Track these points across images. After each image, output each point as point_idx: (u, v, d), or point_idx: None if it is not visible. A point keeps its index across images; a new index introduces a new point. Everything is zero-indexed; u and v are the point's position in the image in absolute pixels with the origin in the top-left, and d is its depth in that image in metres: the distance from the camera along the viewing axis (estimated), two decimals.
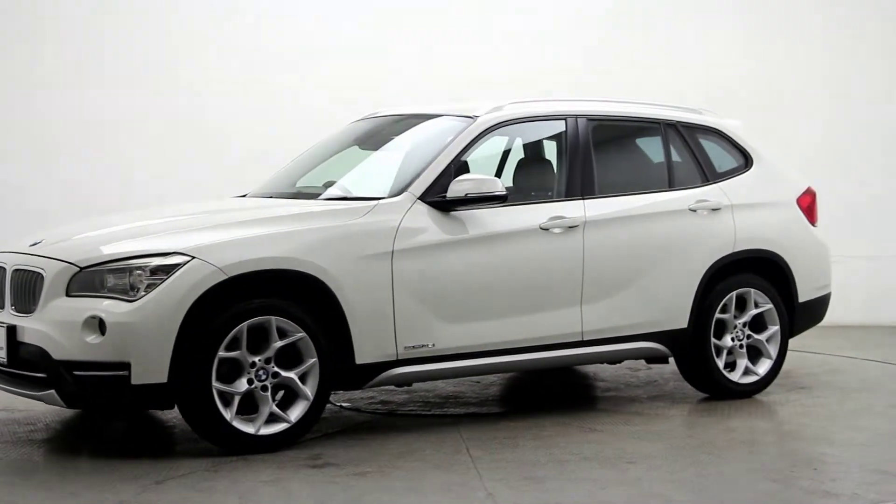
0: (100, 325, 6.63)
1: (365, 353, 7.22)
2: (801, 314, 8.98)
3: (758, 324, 8.74)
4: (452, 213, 7.57)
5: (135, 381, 6.64)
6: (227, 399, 6.87)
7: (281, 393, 7.10)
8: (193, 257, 6.76)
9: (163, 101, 12.09)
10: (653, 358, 8.54)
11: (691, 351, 8.48)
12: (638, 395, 8.84)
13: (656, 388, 9.02)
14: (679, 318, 8.33)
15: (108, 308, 6.66)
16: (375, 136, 8.58)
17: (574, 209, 7.96)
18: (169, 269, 6.72)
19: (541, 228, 7.81)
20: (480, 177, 7.56)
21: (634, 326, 8.18)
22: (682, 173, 8.64)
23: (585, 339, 7.99)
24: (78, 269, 6.79)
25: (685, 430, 7.60)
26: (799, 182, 9.14)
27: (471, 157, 8.13)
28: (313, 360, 7.06)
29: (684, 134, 8.67)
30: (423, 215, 7.47)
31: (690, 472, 6.55)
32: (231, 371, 6.90)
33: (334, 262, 7.12)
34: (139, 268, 6.74)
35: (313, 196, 7.88)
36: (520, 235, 7.75)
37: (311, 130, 9.59)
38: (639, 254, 8.17)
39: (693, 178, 8.62)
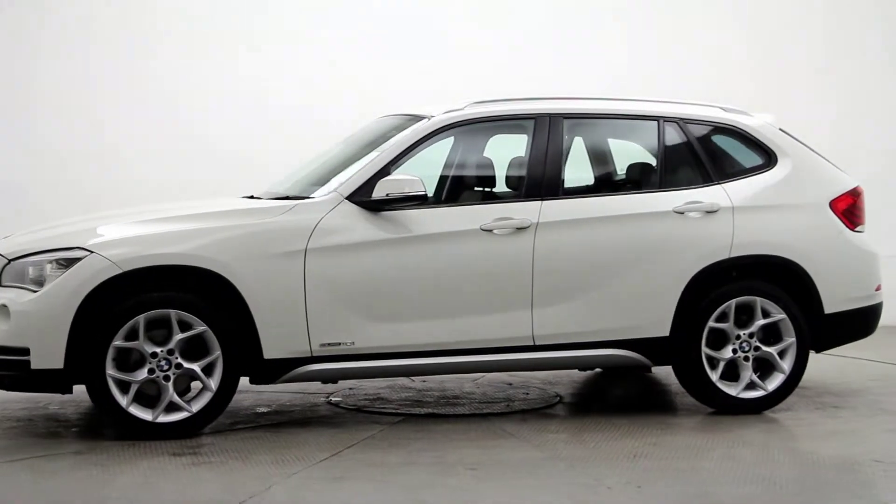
0: (9, 313, 7.21)
1: (273, 348, 7.42)
2: (830, 327, 8.26)
3: (773, 335, 8.13)
4: (384, 213, 7.60)
5: (34, 365, 7.17)
6: (128, 386, 7.25)
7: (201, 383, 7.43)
8: (92, 252, 7.21)
9: (164, 102, 12.47)
10: (638, 367, 8.16)
11: (677, 362, 8.04)
12: (645, 405, 8.59)
13: (677, 400, 8.57)
14: (658, 327, 7.93)
15: (14, 297, 7.24)
16: (378, 137, 8.61)
17: (527, 211, 7.77)
18: (70, 263, 7.21)
19: (482, 230, 7.68)
20: (402, 177, 7.57)
21: (602, 333, 7.87)
22: (677, 173, 8.21)
23: (538, 343, 7.77)
24: (7, 260, 7.41)
25: (591, 443, 7.27)
26: (839, 183, 8.40)
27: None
28: (217, 353, 7.33)
29: (687, 131, 8.21)
30: (349, 215, 7.56)
31: (500, 483, 6.35)
32: (139, 360, 7.29)
33: (240, 259, 7.36)
34: (49, 261, 7.27)
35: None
36: (457, 236, 7.66)
37: (314, 131, 9.78)
38: (605, 257, 7.84)
39: (692, 178, 8.16)
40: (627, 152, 8.45)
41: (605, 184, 8.30)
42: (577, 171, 8.31)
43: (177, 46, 12.51)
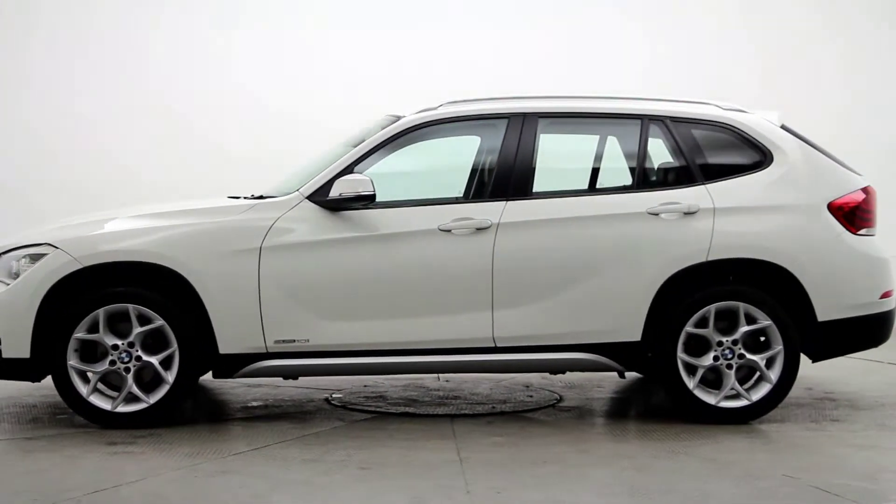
0: None
1: (229, 343, 7.62)
2: (826, 335, 7.83)
3: (762, 342, 7.79)
4: (344, 213, 7.69)
5: (5, 354, 7.61)
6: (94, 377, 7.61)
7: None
8: (57, 248, 7.60)
9: (163, 102, 12.71)
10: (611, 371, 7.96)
11: (651, 367, 7.82)
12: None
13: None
14: (629, 331, 7.71)
15: None
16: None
17: (488, 211, 7.70)
18: (38, 258, 7.62)
19: (440, 230, 7.66)
20: (355, 177, 7.64)
21: (567, 336, 7.71)
22: (658, 173, 7.98)
23: (499, 345, 7.69)
24: None
25: (519, 446, 7.17)
26: (842, 184, 7.93)
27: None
28: (174, 347, 7.60)
29: (674, 130, 7.92)
30: (308, 214, 7.69)
31: (367, 483, 6.37)
32: (104, 352, 7.63)
33: (196, 256, 7.59)
34: (23, 256, 7.71)
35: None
36: (414, 236, 7.67)
37: (326, 131, 9.86)
38: (570, 259, 7.67)
39: (675, 178, 7.91)
40: (606, 152, 8.23)
41: (579, 185, 8.09)
42: (551, 171, 8.14)
43: (178, 46, 12.90)
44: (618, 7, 12.92)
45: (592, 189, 8.05)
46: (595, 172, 8.24)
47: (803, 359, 7.90)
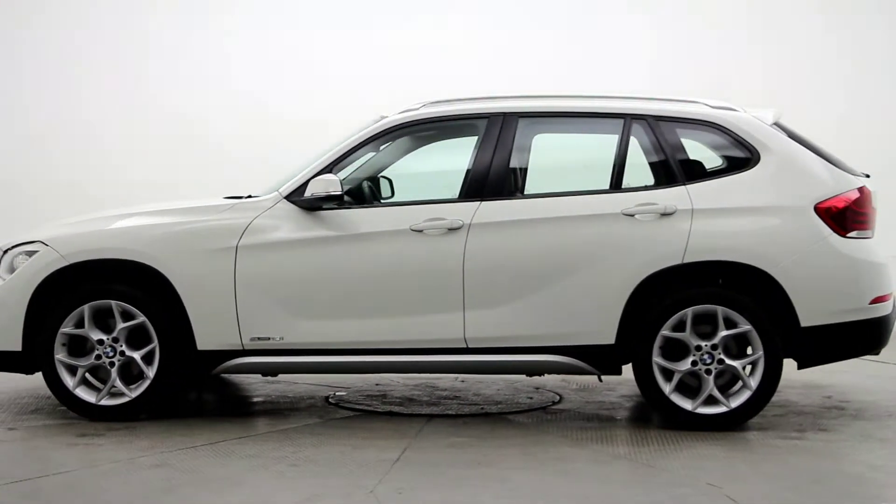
0: None
1: (206, 340, 7.79)
2: (812, 341, 7.56)
3: (742, 347, 7.61)
4: (320, 213, 7.78)
5: None
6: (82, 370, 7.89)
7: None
8: (47, 245, 7.91)
9: (163, 102, 12.80)
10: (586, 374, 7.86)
11: (626, 371, 7.70)
12: (619, 414, 8.19)
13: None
14: (602, 333, 7.60)
15: None
16: None
17: (460, 211, 7.68)
18: (31, 255, 7.94)
19: (412, 230, 7.69)
20: (326, 177, 7.72)
21: (540, 338, 7.64)
22: (638, 174, 7.80)
23: (470, 346, 7.67)
24: (3, 252, 8.25)
25: (466, 447, 7.12)
26: (832, 184, 7.61)
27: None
28: (155, 343, 7.82)
29: (657, 130, 7.75)
30: (284, 214, 7.80)
31: (286, 479, 6.44)
32: (92, 346, 7.90)
33: (175, 254, 7.80)
34: (20, 253, 8.04)
35: None
36: (386, 236, 7.70)
37: (312, 132, 9.91)
38: (542, 260, 7.60)
39: (655, 178, 7.76)
40: (586, 152, 8.12)
41: (559, 185, 7.98)
42: (530, 171, 8.06)
43: (178, 47, 13.09)
44: (621, 6, 12.68)
45: (569, 190, 7.89)
46: (575, 173, 8.10)
47: (832, 365, 7.93)
